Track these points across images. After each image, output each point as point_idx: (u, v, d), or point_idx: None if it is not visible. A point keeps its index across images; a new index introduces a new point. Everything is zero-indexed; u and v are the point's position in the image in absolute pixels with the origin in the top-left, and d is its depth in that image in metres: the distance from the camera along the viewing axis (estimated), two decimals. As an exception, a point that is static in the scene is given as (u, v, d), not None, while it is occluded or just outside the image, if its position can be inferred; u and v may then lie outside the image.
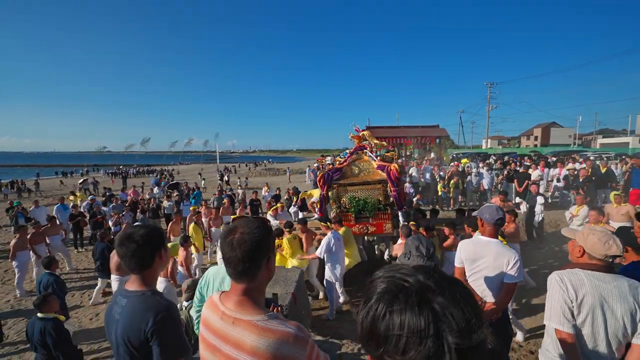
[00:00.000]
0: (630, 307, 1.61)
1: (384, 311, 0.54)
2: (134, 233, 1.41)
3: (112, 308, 1.46)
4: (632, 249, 2.17)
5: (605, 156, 17.81)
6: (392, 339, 0.52)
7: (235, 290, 1.10)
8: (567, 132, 58.33)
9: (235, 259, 1.05)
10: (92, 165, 57.11)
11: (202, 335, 1.14)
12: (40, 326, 3.14)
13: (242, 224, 1.11)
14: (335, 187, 6.21)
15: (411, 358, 0.50)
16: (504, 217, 2.34)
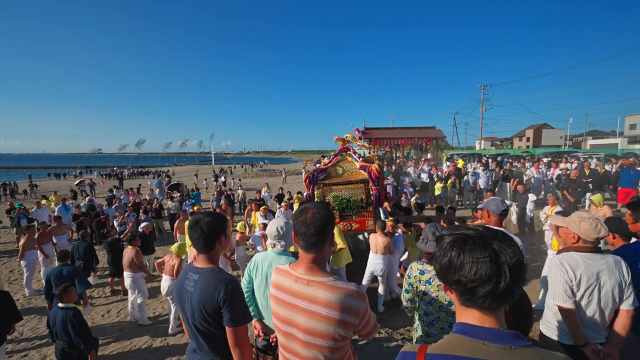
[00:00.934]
0: (617, 279, 1.95)
1: (458, 251, 0.83)
2: (201, 220, 1.65)
3: (184, 282, 1.71)
4: (619, 236, 2.47)
5: (595, 157, 18.30)
6: (467, 266, 0.80)
7: (305, 259, 1.38)
8: (559, 133, 59.44)
9: (308, 234, 1.32)
10: (85, 167, 56.42)
11: (276, 297, 1.42)
12: (61, 315, 3.29)
13: (312, 206, 1.38)
14: (321, 186, 6.43)
15: (481, 276, 0.78)
16: (508, 209, 2.58)
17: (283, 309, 1.39)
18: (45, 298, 4.86)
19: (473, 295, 0.81)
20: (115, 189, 17.15)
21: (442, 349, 0.84)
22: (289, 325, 1.37)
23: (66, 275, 4.50)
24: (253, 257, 2.31)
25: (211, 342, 1.67)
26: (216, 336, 1.65)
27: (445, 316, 1.99)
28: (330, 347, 1.29)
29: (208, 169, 48.36)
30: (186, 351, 1.84)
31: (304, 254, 1.38)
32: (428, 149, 14.77)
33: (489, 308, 0.81)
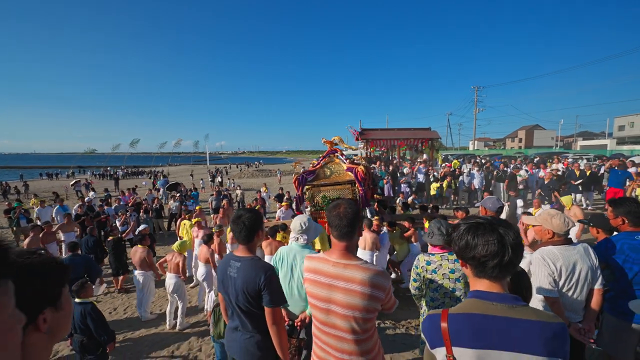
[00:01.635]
0: (589, 264, 2.24)
1: (473, 235, 1.08)
2: (243, 215, 1.90)
3: (226, 270, 1.96)
4: (602, 230, 2.74)
5: (585, 157, 18.79)
6: (480, 246, 1.05)
7: (338, 246, 1.64)
8: (550, 134, 60.51)
9: (342, 225, 1.58)
10: (77, 167, 55.73)
11: (314, 280, 1.67)
12: (80, 310, 3.44)
13: (343, 202, 1.63)
14: (310, 187, 6.67)
15: (491, 252, 1.04)
16: (503, 206, 2.82)
17: (322, 290, 1.64)
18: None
19: (484, 267, 1.09)
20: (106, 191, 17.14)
21: (461, 309, 1.10)
22: (328, 303, 1.61)
23: (80, 263, 4.66)
24: (278, 250, 2.53)
25: (252, 320, 1.93)
26: (256, 315, 1.90)
27: (450, 301, 2.21)
28: (363, 318, 1.55)
29: (202, 169, 48.23)
30: (226, 330, 2.04)
31: (337, 242, 1.65)
32: (423, 150, 15.12)
33: (496, 277, 1.10)
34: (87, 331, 3.42)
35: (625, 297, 2.33)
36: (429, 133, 14.88)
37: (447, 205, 11.26)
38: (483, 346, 1.01)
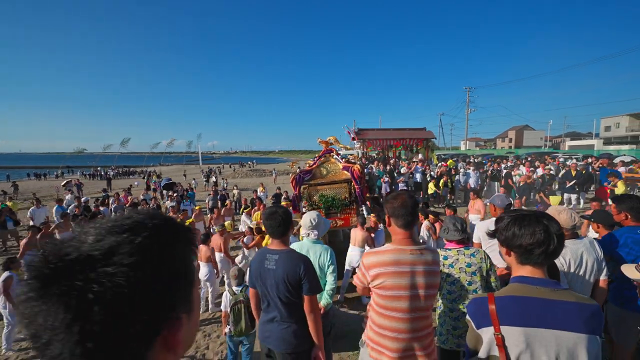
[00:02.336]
0: (594, 257, 2.38)
1: (519, 225, 1.18)
2: (277, 211, 1.97)
3: (263, 263, 2.06)
4: (602, 226, 2.92)
5: (574, 157, 19.26)
6: (527, 236, 1.15)
7: (404, 235, 1.77)
8: (539, 134, 61.74)
9: (407, 214, 1.73)
10: (66, 167, 54.53)
11: (396, 272, 1.71)
12: None
13: (403, 193, 1.80)
14: (306, 186, 6.77)
15: (538, 241, 1.14)
16: (512, 203, 2.98)
17: (405, 278, 1.70)
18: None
19: (531, 254, 1.20)
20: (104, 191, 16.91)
21: (507, 292, 1.20)
22: (412, 289, 1.69)
23: None
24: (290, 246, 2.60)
25: (290, 310, 2.04)
26: (295, 304, 2.03)
27: (466, 293, 2.31)
28: (435, 293, 1.81)
29: (194, 169, 47.83)
30: (260, 323, 2.10)
31: (402, 231, 1.76)
32: (419, 150, 15.34)
33: (541, 264, 1.21)
34: None
35: (629, 288, 2.48)
36: (425, 133, 15.11)
37: (443, 203, 11.43)
38: (529, 325, 1.12)
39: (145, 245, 0.46)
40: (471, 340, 1.27)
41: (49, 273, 0.41)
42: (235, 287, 3.75)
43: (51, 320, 0.39)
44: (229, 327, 3.63)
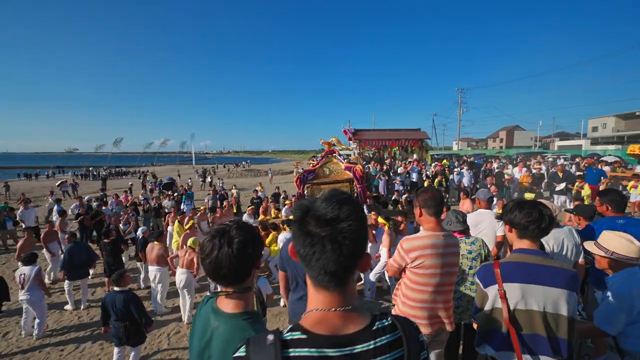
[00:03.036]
0: (574, 242, 2.78)
1: (520, 209, 1.50)
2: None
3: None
4: (583, 218, 3.30)
5: (562, 157, 19.88)
6: (526, 215, 1.47)
7: (434, 222, 2.04)
8: (529, 134, 62.98)
9: (437, 204, 2.03)
10: (56, 167, 53.59)
11: (432, 254, 1.98)
12: (121, 298, 3.67)
13: (431, 188, 2.11)
14: (310, 186, 7.03)
15: (534, 219, 1.45)
16: (493, 197, 3.47)
17: (439, 259, 1.99)
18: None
19: (527, 230, 1.57)
20: (102, 190, 16.89)
21: (509, 259, 1.53)
22: (444, 267, 2.01)
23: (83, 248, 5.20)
24: None
25: None
26: None
27: (466, 277, 2.64)
28: (457, 271, 2.16)
29: (188, 169, 47.66)
30: (290, 302, 2.35)
31: (433, 219, 2.06)
32: (413, 150, 15.73)
33: (535, 238, 1.53)
34: (129, 316, 3.65)
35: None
36: (419, 134, 15.51)
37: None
38: (525, 281, 1.47)
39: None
40: (479, 298, 1.61)
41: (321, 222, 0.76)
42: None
43: (322, 247, 0.74)
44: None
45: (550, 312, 1.44)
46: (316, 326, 0.73)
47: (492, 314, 1.54)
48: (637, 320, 1.71)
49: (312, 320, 0.75)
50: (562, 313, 1.44)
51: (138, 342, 3.89)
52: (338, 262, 0.73)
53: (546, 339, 1.45)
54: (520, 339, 1.45)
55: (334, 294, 0.77)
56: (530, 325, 1.46)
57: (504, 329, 1.48)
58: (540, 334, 1.45)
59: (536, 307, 1.44)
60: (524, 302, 1.45)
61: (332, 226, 0.73)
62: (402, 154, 19.51)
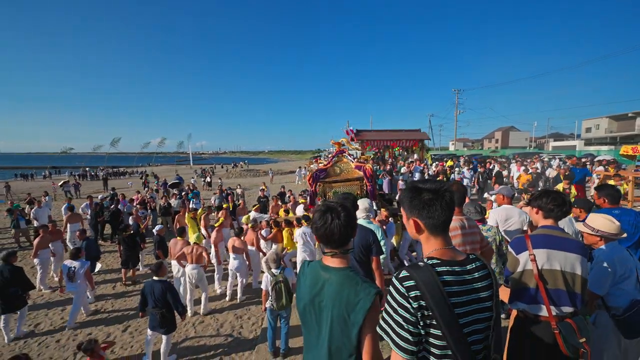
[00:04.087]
0: (573, 229, 3.23)
1: (547, 196, 1.98)
2: (349, 197, 2.56)
3: None
4: (584, 210, 3.70)
5: (557, 157, 20.41)
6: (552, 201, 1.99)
7: (458, 210, 2.43)
8: (524, 135, 63.90)
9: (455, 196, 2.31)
10: (52, 167, 53.14)
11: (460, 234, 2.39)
12: (160, 286, 3.98)
13: (454, 183, 2.40)
14: (321, 184, 7.38)
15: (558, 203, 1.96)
16: (514, 194, 3.73)
17: (464, 238, 2.43)
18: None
19: (552, 212, 1.99)
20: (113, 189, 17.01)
21: (536, 233, 1.92)
22: (466, 245, 2.41)
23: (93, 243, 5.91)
24: None
25: (362, 267, 2.76)
26: (365, 263, 2.78)
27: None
28: (478, 247, 2.54)
29: (185, 169, 47.74)
30: None
31: (457, 208, 2.47)
32: (414, 150, 16.13)
33: (557, 218, 1.94)
34: (166, 304, 3.95)
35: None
36: (420, 134, 15.92)
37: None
38: (549, 248, 1.87)
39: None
40: (511, 264, 2.00)
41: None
42: (274, 269, 4.30)
43: (435, 206, 1.20)
44: (270, 303, 4.17)
45: (568, 271, 1.81)
46: (441, 256, 1.19)
47: (522, 276, 1.91)
48: (618, 282, 2.15)
49: (438, 254, 1.20)
50: (577, 273, 1.81)
51: (170, 330, 4.19)
52: (445, 215, 1.20)
53: (566, 292, 1.81)
54: (547, 293, 1.82)
55: (445, 237, 1.21)
56: (554, 281, 1.82)
57: (533, 285, 1.85)
58: (562, 289, 1.82)
59: (558, 267, 1.82)
60: (549, 264, 1.84)
61: (438, 194, 1.21)
62: (402, 154, 19.93)
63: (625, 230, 3.10)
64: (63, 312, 5.87)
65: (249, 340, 4.83)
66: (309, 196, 7.83)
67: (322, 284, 1.35)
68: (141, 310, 4.21)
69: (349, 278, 1.26)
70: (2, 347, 4.97)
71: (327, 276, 1.35)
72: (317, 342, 1.37)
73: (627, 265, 2.14)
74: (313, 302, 1.36)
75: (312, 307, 1.37)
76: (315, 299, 1.35)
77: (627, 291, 2.12)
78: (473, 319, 1.11)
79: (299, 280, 1.49)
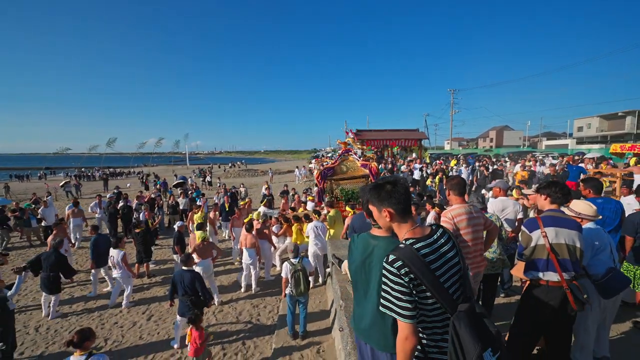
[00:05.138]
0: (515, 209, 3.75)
1: (555, 185, 2.44)
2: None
3: (364, 219, 3.07)
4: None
5: (551, 156, 21.02)
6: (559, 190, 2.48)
7: (461, 200, 2.81)
8: (518, 134, 64.91)
9: (463, 187, 2.84)
10: (46, 168, 52.60)
11: (469, 217, 2.76)
12: (189, 275, 4.35)
13: (458, 176, 2.83)
14: (329, 182, 7.83)
15: (564, 192, 2.45)
16: (509, 187, 4.23)
17: (472, 221, 2.80)
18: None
19: (558, 199, 2.40)
20: (117, 188, 17.19)
21: (545, 215, 2.33)
22: (476, 226, 2.82)
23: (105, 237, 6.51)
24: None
25: None
26: None
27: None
28: (482, 229, 2.94)
29: (182, 169, 47.78)
30: None
31: (460, 198, 2.91)
32: (413, 149, 16.58)
33: (561, 203, 2.35)
34: (195, 291, 4.31)
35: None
36: (418, 134, 16.37)
37: (440, 196, 12.69)
38: (557, 226, 2.28)
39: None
40: (524, 240, 2.41)
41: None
42: (293, 259, 4.68)
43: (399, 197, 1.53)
44: (289, 289, 4.54)
45: (571, 244, 2.27)
46: (414, 235, 1.48)
47: (535, 250, 2.36)
48: (596, 254, 2.61)
49: (411, 234, 1.48)
50: (577, 245, 2.28)
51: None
52: (407, 199, 1.53)
53: (570, 261, 2.27)
54: (558, 262, 2.26)
55: (411, 218, 1.53)
56: (561, 253, 2.28)
57: (545, 256, 2.31)
58: (567, 258, 2.27)
59: (563, 241, 2.27)
60: (557, 239, 2.28)
61: (396, 184, 1.57)
62: (401, 153, 20.41)
63: (607, 216, 3.54)
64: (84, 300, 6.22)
65: (267, 326, 5.20)
66: (317, 193, 8.25)
67: (372, 248, 1.71)
68: (171, 298, 4.55)
69: (393, 243, 1.63)
70: (40, 319, 5.67)
71: (375, 242, 1.72)
72: (365, 296, 1.75)
73: (602, 240, 2.62)
74: (364, 263, 1.73)
75: (362, 267, 1.74)
76: (366, 261, 1.72)
77: (603, 261, 2.59)
78: (449, 275, 1.41)
79: (351, 248, 1.87)
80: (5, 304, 4.05)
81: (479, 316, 1.35)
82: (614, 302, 2.74)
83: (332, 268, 4.77)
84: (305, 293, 4.58)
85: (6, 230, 10.26)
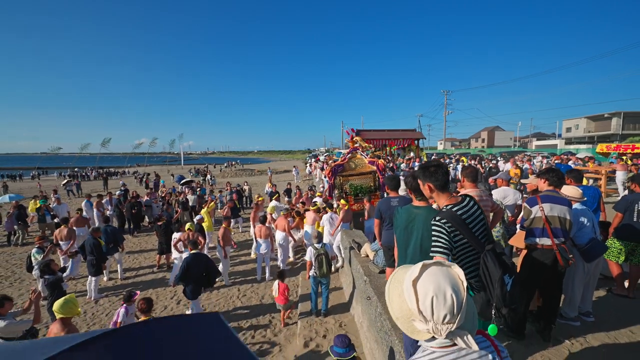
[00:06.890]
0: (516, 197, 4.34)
1: (553, 171, 3.03)
2: (395, 179, 3.39)
3: (390, 202, 3.56)
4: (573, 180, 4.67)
5: (541, 155, 21.92)
6: (556, 173, 3.00)
7: (474, 185, 3.24)
8: (509, 135, 66.43)
9: (475, 175, 3.24)
10: (38, 168, 51.82)
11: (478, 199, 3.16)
12: (201, 257, 4.98)
13: (470, 166, 3.40)
14: (339, 177, 8.41)
15: (560, 175, 3.01)
16: (512, 178, 4.77)
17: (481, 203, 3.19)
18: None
19: (554, 181, 2.97)
20: (124, 186, 17.44)
21: (543, 194, 2.91)
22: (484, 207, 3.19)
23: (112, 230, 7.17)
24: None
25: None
26: None
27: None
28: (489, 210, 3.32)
29: (177, 169, 47.78)
30: (384, 233, 3.60)
31: (472, 184, 3.16)
32: (411, 149, 17.23)
33: (557, 185, 2.93)
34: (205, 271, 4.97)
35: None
36: (416, 134, 17.05)
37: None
38: (552, 202, 2.82)
39: None
40: (526, 214, 2.96)
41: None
42: (316, 244, 5.20)
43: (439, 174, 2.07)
44: (313, 271, 5.06)
45: (562, 217, 2.81)
46: (451, 202, 2.00)
47: (534, 221, 2.90)
48: (581, 227, 3.20)
49: (449, 202, 1.99)
50: (567, 218, 2.82)
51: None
52: (445, 178, 2.02)
53: (560, 229, 2.81)
54: (551, 230, 2.81)
55: (448, 191, 2.03)
56: (554, 223, 2.81)
57: (541, 225, 2.84)
58: (558, 227, 2.82)
59: (557, 214, 2.81)
60: (551, 212, 2.82)
61: (439, 166, 2.06)
62: (400, 152, 21.08)
63: (587, 200, 4.19)
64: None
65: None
66: (328, 188, 8.80)
67: (415, 215, 2.26)
68: (181, 279, 5.00)
69: (432, 211, 2.18)
70: (86, 303, 6.12)
71: (418, 211, 2.27)
72: (404, 255, 2.30)
73: (587, 216, 3.24)
74: (407, 227, 2.27)
75: (405, 231, 2.28)
76: (409, 225, 2.26)
77: (587, 233, 3.21)
78: (478, 227, 1.96)
79: (396, 217, 2.43)
80: (60, 284, 4.50)
81: (499, 254, 1.91)
82: (595, 266, 3.35)
83: (352, 253, 5.31)
84: (328, 275, 5.11)
85: (22, 225, 10.55)
